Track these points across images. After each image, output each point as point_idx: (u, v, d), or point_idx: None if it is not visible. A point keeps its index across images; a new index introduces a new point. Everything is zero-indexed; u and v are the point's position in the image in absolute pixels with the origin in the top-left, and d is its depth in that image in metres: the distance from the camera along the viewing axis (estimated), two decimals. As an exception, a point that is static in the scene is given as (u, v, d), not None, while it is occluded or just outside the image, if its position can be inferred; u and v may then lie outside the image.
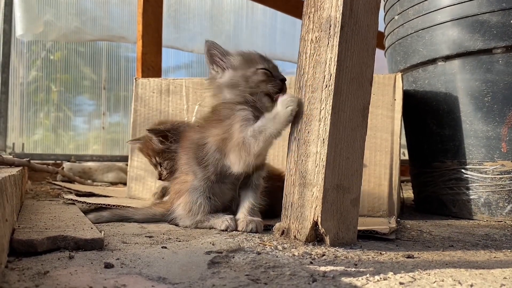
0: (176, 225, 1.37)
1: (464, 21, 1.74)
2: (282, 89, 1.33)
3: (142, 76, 2.94)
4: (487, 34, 1.69)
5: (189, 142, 1.42)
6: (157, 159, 1.68)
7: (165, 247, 1.03)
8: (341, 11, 1.09)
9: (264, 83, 1.31)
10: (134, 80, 2.03)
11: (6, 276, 0.75)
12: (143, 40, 3.01)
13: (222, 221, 1.29)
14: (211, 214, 1.33)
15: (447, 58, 1.82)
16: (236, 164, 1.27)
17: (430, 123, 1.92)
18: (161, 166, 1.67)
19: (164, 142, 1.64)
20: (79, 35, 3.47)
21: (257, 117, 1.28)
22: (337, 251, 1.03)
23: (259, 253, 0.97)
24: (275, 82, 1.32)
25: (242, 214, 1.31)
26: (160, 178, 1.69)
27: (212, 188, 1.34)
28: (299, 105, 1.17)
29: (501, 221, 1.68)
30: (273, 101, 1.30)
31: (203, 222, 1.33)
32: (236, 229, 1.27)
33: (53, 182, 2.50)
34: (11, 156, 2.22)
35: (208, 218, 1.32)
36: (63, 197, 1.88)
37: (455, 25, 1.76)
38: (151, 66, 3.04)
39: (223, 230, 1.27)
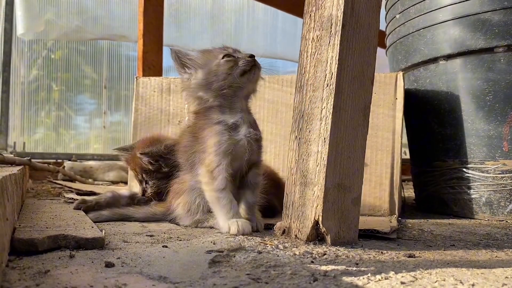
0: (177, 224, 1.37)
1: (465, 20, 1.73)
2: (255, 65, 1.31)
3: (143, 75, 2.94)
4: (489, 33, 1.68)
5: (183, 144, 1.42)
6: (144, 176, 1.61)
7: (166, 246, 1.03)
8: (342, 9, 1.09)
9: (233, 67, 1.30)
10: (135, 79, 2.03)
11: (7, 275, 0.75)
12: (144, 39, 3.01)
13: None
14: (210, 213, 1.33)
15: (449, 57, 1.81)
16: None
17: (431, 122, 1.91)
18: (146, 184, 1.60)
19: (154, 164, 1.56)
20: (80, 34, 3.47)
21: (234, 125, 1.28)
22: (338, 250, 1.03)
23: (260, 252, 0.97)
24: (243, 60, 1.30)
25: (242, 211, 1.30)
26: (143, 195, 1.61)
27: None
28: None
29: (503, 221, 1.67)
30: (249, 75, 1.31)
31: (203, 222, 1.32)
32: None
33: (54, 181, 2.51)
34: (12, 155, 2.22)
35: (207, 218, 1.32)
36: (64, 196, 1.89)
37: (456, 24, 1.76)
38: (152, 65, 3.03)
39: None
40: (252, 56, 1.32)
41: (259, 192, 1.34)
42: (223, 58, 1.31)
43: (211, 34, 4.24)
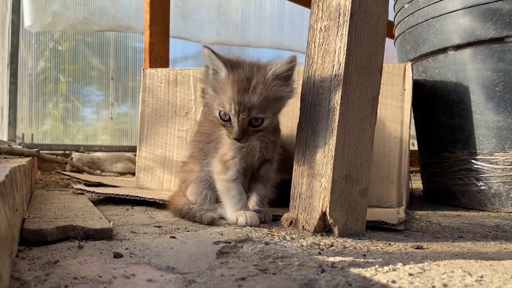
0: None
1: (476, 9, 1.71)
2: (246, 139, 1.18)
3: (150, 67, 2.94)
4: (500, 22, 1.66)
5: (200, 132, 1.43)
6: None
7: (174, 237, 1.03)
8: (350, -1, 1.08)
9: (225, 129, 1.21)
10: (142, 71, 2.03)
11: (17, 265, 0.76)
12: (151, 30, 3.00)
13: None
14: (218, 204, 1.33)
15: (458, 47, 1.79)
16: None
17: (440, 113, 1.90)
18: None
19: None
20: (87, 25, 3.47)
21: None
22: (346, 241, 1.03)
23: (267, 243, 0.97)
24: (235, 132, 1.16)
25: (251, 205, 1.31)
26: None
27: None
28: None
29: (511, 212, 1.66)
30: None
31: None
32: None
33: (62, 172, 2.52)
34: (20, 147, 2.23)
35: (216, 207, 1.33)
36: (72, 187, 1.90)
37: (466, 13, 1.73)
38: (159, 56, 3.03)
39: None
40: (243, 131, 1.15)
41: (270, 186, 1.35)
42: (218, 113, 1.19)
43: (217, 25, 4.21)
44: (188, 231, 1.12)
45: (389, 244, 1.03)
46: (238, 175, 1.26)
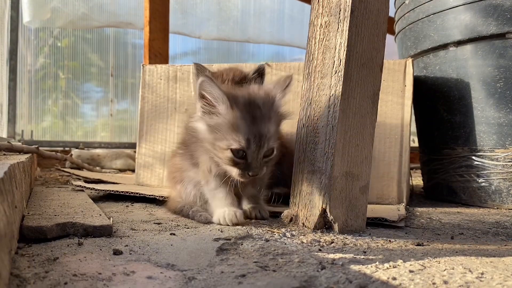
0: None
1: (477, 5, 1.70)
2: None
3: (150, 63, 2.93)
4: (501, 18, 1.65)
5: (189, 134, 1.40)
6: None
7: (174, 234, 1.03)
8: (351, -5, 1.07)
9: (233, 165, 1.13)
10: (142, 67, 2.02)
11: (17, 262, 0.76)
12: (150, 26, 2.99)
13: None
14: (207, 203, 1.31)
15: (459, 43, 1.78)
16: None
17: (440, 109, 1.89)
18: None
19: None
20: (86, 21, 3.46)
21: None
22: (346, 238, 1.03)
23: (267, 240, 0.97)
24: (245, 173, 1.12)
25: (245, 202, 1.30)
26: None
27: None
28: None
29: (512, 209, 1.66)
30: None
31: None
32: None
33: (62, 169, 2.52)
34: (20, 143, 2.23)
35: (205, 207, 1.31)
36: (72, 184, 1.89)
37: (467, 9, 1.73)
38: (159, 52, 3.02)
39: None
40: (261, 165, 1.12)
41: (259, 183, 1.32)
42: (227, 148, 1.11)
43: (217, 21, 4.20)
44: (188, 228, 1.12)
45: (390, 241, 1.03)
46: (221, 183, 1.22)
